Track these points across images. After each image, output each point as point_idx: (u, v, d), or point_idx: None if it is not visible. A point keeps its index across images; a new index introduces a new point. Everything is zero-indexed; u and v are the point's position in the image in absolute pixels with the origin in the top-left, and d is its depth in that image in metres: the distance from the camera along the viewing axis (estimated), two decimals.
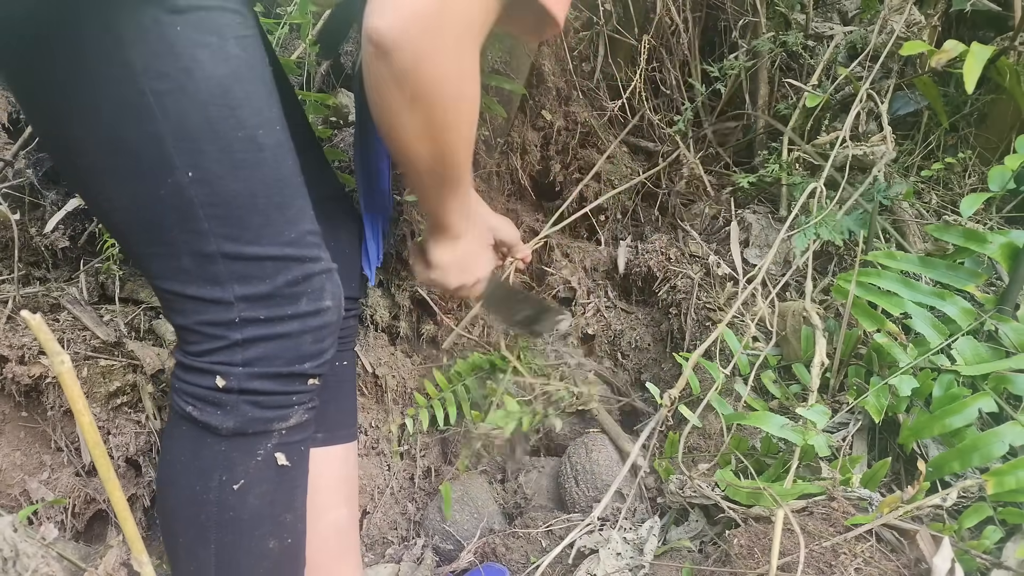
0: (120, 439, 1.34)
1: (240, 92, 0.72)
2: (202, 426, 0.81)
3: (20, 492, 1.33)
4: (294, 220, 0.79)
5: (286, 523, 0.87)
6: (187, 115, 0.69)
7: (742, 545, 1.12)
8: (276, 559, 0.87)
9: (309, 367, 0.83)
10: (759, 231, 1.90)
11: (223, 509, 0.82)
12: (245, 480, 0.82)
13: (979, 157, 1.91)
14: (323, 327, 0.83)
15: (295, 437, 0.86)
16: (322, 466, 1.07)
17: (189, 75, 0.69)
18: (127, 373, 1.39)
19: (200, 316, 0.78)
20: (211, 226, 0.74)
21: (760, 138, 2.16)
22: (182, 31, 0.68)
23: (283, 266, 0.78)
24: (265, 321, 0.79)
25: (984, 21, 2.05)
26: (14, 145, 1.54)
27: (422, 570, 1.45)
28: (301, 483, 0.90)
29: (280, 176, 0.77)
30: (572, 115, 2.04)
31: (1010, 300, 1.33)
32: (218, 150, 0.72)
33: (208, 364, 0.79)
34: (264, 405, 0.81)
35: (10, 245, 1.47)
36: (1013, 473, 1.09)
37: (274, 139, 0.76)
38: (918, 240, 1.70)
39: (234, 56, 0.71)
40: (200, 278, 0.76)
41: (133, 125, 0.69)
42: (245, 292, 0.77)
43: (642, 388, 1.90)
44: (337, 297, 0.85)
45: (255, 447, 0.83)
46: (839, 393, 1.46)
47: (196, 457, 0.82)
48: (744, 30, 2.12)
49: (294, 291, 0.79)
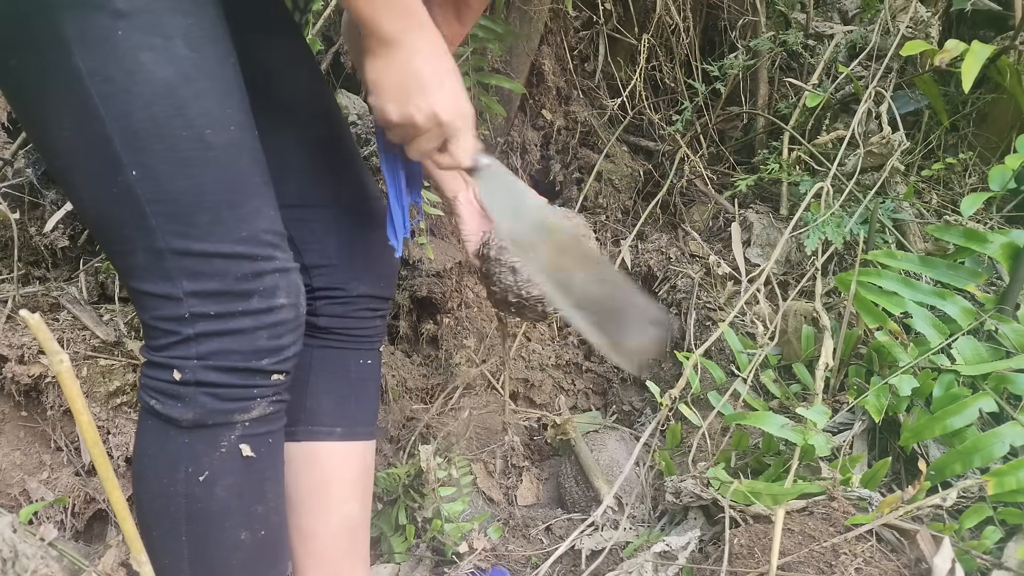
0: (120, 439, 1.34)
1: (186, 92, 0.73)
2: (164, 419, 0.83)
3: (20, 492, 1.32)
4: (247, 218, 0.79)
5: (257, 515, 0.87)
6: (132, 115, 0.72)
7: (742, 545, 1.12)
8: (249, 551, 0.87)
9: (267, 364, 0.83)
10: (760, 230, 1.90)
11: (191, 501, 0.83)
12: (210, 472, 0.83)
13: (979, 156, 1.91)
14: (278, 324, 0.83)
15: (260, 429, 0.86)
16: (339, 461, 1.08)
17: (132, 77, 0.71)
18: (127, 373, 1.39)
19: (155, 311, 0.80)
20: (158, 223, 0.76)
21: (760, 137, 2.16)
22: (124, 35, 0.70)
23: (233, 263, 0.79)
24: (216, 317, 0.79)
25: (984, 20, 2.06)
26: (13, 144, 1.54)
27: (421, 570, 1.45)
28: (271, 475, 0.90)
29: (232, 175, 0.78)
30: (572, 114, 2.04)
31: (1010, 300, 1.33)
32: (164, 149, 0.74)
33: (165, 358, 0.81)
34: (223, 397, 0.82)
35: (10, 244, 1.47)
36: (1014, 473, 1.09)
37: (226, 138, 0.77)
38: (918, 240, 1.70)
39: (181, 57, 0.73)
40: (153, 274, 0.78)
41: (85, 127, 0.73)
42: (194, 288, 0.78)
43: (643, 388, 1.90)
44: (293, 295, 0.85)
45: (218, 439, 0.83)
46: (839, 393, 1.46)
47: (162, 450, 0.84)
48: (744, 29, 2.12)
49: (244, 288, 0.80)
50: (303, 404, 1.04)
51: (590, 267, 0.97)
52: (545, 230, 0.95)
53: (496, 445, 1.70)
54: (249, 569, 0.88)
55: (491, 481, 1.71)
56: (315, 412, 1.04)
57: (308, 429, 1.04)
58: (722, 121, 2.25)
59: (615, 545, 1.35)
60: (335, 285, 1.03)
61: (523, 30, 1.82)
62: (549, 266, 0.94)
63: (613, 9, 2.06)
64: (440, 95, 0.80)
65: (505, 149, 1.99)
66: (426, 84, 0.79)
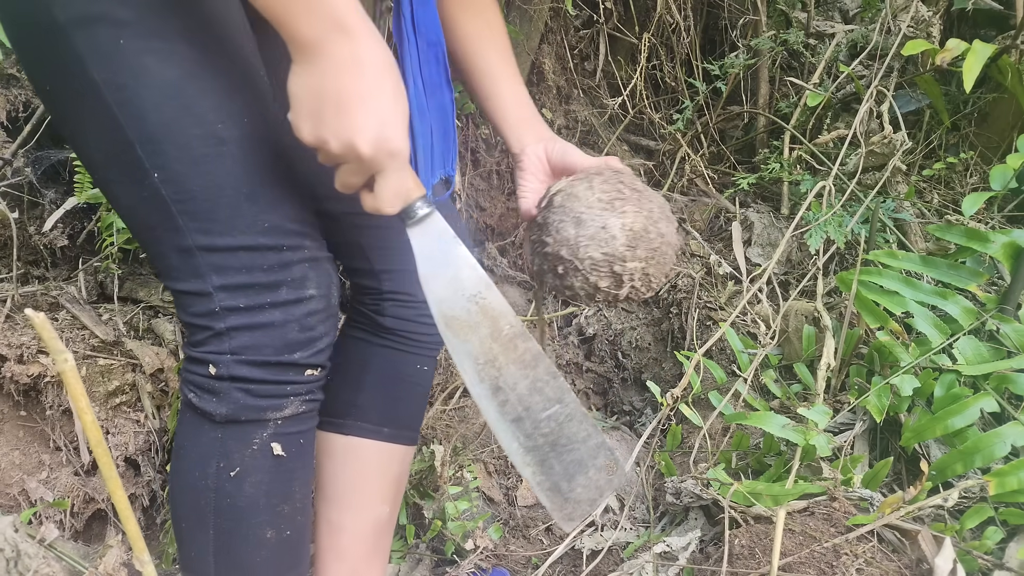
0: (119, 438, 1.34)
1: (193, 90, 0.74)
2: (200, 413, 0.84)
3: (19, 491, 1.32)
4: (269, 209, 0.79)
5: (284, 514, 0.88)
6: (145, 119, 0.73)
7: (743, 545, 1.11)
8: (273, 549, 0.88)
9: (300, 357, 0.83)
10: (761, 230, 1.90)
11: (220, 496, 0.85)
12: (241, 468, 0.84)
13: (981, 156, 1.91)
14: (308, 315, 0.83)
15: (292, 428, 0.87)
16: (380, 461, 1.08)
17: (139, 82, 0.72)
18: (126, 372, 1.39)
19: (190, 308, 0.81)
20: (184, 221, 0.77)
21: (761, 137, 2.16)
22: (126, 43, 0.71)
23: (258, 255, 0.79)
24: (245, 310, 0.80)
25: (986, 20, 2.05)
26: (13, 144, 1.53)
27: (421, 569, 1.45)
28: (300, 475, 0.90)
29: (248, 167, 0.78)
30: (572, 113, 2.04)
31: (1012, 300, 1.33)
32: (177, 149, 0.74)
33: (202, 353, 0.82)
34: (256, 394, 0.83)
35: (9, 244, 1.47)
36: (1015, 474, 1.09)
37: (239, 131, 0.77)
38: (920, 239, 1.70)
39: (184, 56, 0.74)
40: (185, 273, 0.80)
41: (111, 136, 0.74)
42: (222, 282, 0.79)
43: (643, 388, 1.90)
44: (324, 286, 0.85)
45: (250, 436, 0.84)
46: (840, 393, 1.46)
47: (196, 444, 0.86)
48: (745, 28, 2.12)
49: (272, 279, 0.80)
50: (355, 399, 1.04)
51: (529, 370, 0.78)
52: (480, 311, 0.78)
53: (496, 445, 1.70)
54: (272, 567, 0.89)
55: (491, 481, 1.71)
56: (366, 409, 1.05)
57: (356, 424, 1.04)
58: (723, 120, 2.24)
59: (615, 545, 1.35)
60: (402, 290, 1.03)
61: (523, 29, 1.81)
62: (478, 354, 0.78)
63: (613, 8, 2.06)
64: (362, 122, 0.67)
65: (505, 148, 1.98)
66: (345, 106, 0.66)
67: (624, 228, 0.79)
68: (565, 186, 0.84)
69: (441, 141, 0.91)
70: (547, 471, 0.79)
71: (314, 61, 0.67)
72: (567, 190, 0.83)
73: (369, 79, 0.67)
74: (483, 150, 1.87)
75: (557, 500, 0.80)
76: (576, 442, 0.79)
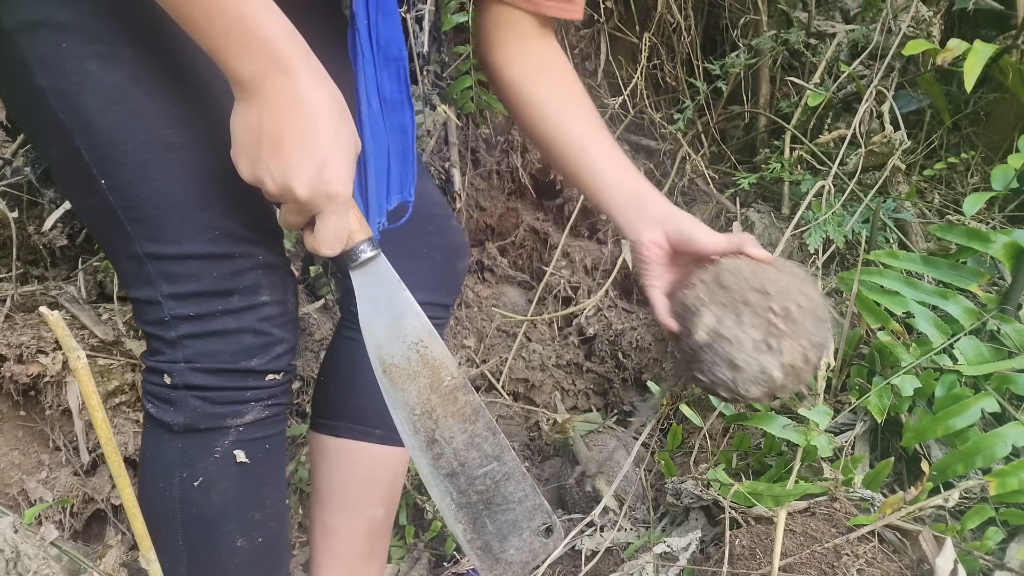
0: (119, 438, 1.34)
1: (138, 94, 0.72)
2: (159, 423, 0.83)
3: (18, 491, 1.32)
4: (220, 216, 0.77)
5: (255, 521, 0.86)
6: (91, 125, 0.71)
7: (743, 546, 1.11)
8: (247, 557, 0.86)
9: (257, 363, 0.81)
10: (762, 230, 1.90)
11: (186, 506, 0.83)
12: (204, 477, 0.82)
13: (982, 156, 1.91)
14: (263, 320, 0.81)
15: (256, 434, 0.85)
16: (374, 464, 1.06)
17: (82, 87, 0.70)
18: (126, 372, 1.38)
19: (144, 316, 0.80)
20: (132, 229, 0.75)
21: (762, 136, 2.15)
22: (68, 47, 0.69)
23: (208, 264, 0.77)
24: (196, 318, 0.78)
25: (986, 20, 2.05)
26: (13, 143, 1.53)
27: (420, 569, 1.45)
28: (270, 481, 0.88)
29: (200, 173, 0.76)
30: None
31: (1013, 300, 1.33)
32: (122, 155, 0.72)
33: (156, 363, 0.81)
34: (213, 400, 0.81)
35: (8, 243, 1.47)
36: (1016, 474, 1.09)
37: (190, 136, 0.75)
38: (920, 239, 1.70)
39: (128, 59, 0.71)
40: (138, 280, 0.78)
41: (58, 142, 0.73)
42: (172, 291, 0.77)
43: (643, 388, 1.90)
44: (279, 292, 0.83)
45: (211, 444, 0.82)
46: (841, 393, 1.45)
47: (159, 455, 0.84)
48: (746, 28, 2.12)
49: (223, 287, 0.78)
50: (349, 401, 1.03)
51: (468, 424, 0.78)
52: (421, 359, 0.77)
53: None
54: (247, 575, 0.87)
55: None
56: (359, 410, 1.03)
57: (349, 426, 1.03)
58: (723, 120, 2.24)
59: (615, 546, 1.35)
60: None
61: None
62: (415, 404, 0.77)
63: (614, 7, 2.06)
64: (298, 163, 0.65)
65: (506, 148, 1.98)
66: (282, 146, 0.65)
67: (783, 367, 0.77)
68: (707, 309, 0.79)
69: (400, 163, 0.88)
70: (479, 529, 0.78)
71: (252, 99, 0.66)
72: (711, 324, 0.78)
73: (308, 119, 0.66)
74: (483, 150, 1.87)
75: (488, 560, 0.78)
76: (512, 502, 0.78)
